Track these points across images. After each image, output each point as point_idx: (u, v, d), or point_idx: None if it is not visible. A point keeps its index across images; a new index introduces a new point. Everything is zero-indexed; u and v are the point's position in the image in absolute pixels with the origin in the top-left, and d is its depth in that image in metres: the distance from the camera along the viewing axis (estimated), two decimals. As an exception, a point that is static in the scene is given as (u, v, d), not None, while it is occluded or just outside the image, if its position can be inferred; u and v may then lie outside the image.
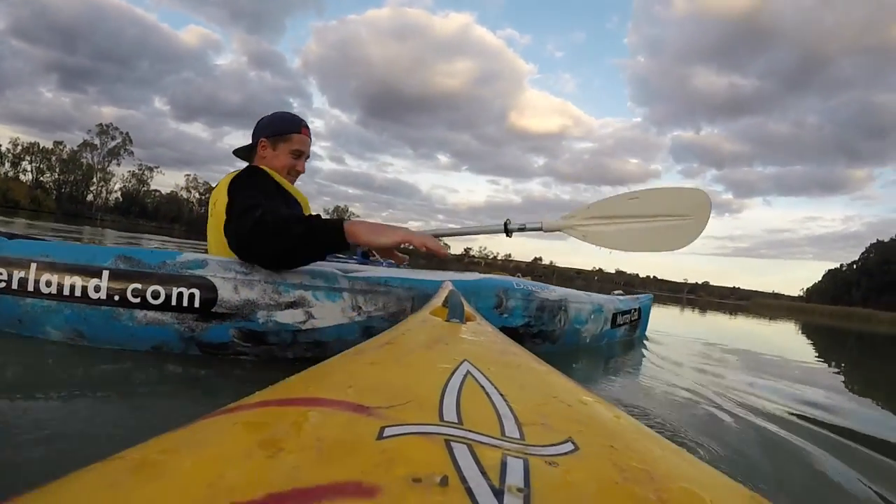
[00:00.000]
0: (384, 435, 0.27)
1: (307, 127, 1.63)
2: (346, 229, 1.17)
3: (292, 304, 1.30)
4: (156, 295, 1.25)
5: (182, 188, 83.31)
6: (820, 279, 72.88)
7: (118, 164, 70.55)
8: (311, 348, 1.34)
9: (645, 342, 2.86)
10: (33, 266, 1.25)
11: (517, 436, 0.30)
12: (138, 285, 1.25)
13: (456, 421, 0.31)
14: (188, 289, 1.25)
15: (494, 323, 1.38)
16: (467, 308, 0.89)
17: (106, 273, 1.24)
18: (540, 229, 1.51)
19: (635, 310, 2.68)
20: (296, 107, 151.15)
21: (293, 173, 1.60)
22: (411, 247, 1.28)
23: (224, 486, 0.22)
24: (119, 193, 74.69)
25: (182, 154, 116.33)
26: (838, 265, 68.41)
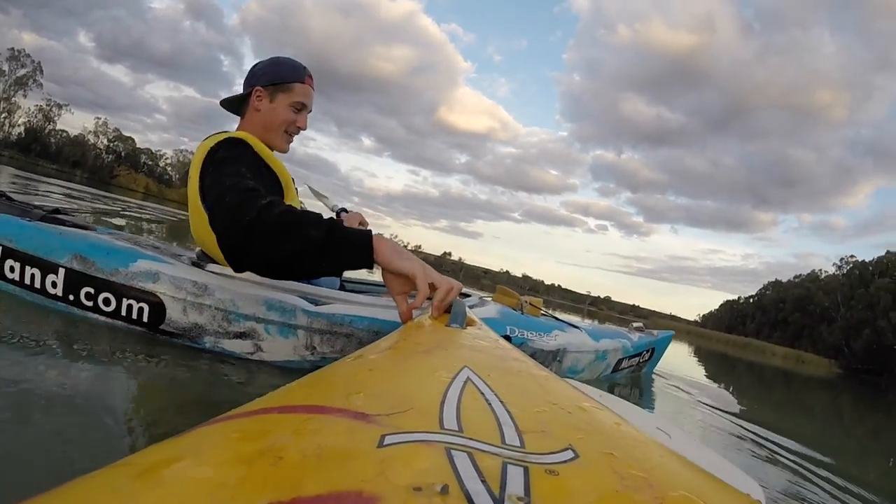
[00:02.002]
0: (384, 443, 0.27)
1: (311, 76, 1.42)
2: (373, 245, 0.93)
3: (241, 335, 1.24)
4: (107, 302, 1.22)
5: (90, 132, 72.39)
6: (717, 307, 77.11)
7: (24, 96, 62.84)
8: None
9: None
10: None
11: (517, 443, 0.30)
12: (91, 290, 1.21)
13: (456, 428, 0.31)
14: (137, 302, 1.21)
15: None
16: (468, 314, 0.89)
17: (62, 271, 1.22)
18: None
19: (648, 350, 2.47)
20: (226, 66, 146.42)
21: (292, 130, 1.40)
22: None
23: (225, 495, 0.22)
24: (22, 128, 65.84)
25: (98, 97, 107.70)
26: (736, 297, 72.61)
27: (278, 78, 1.37)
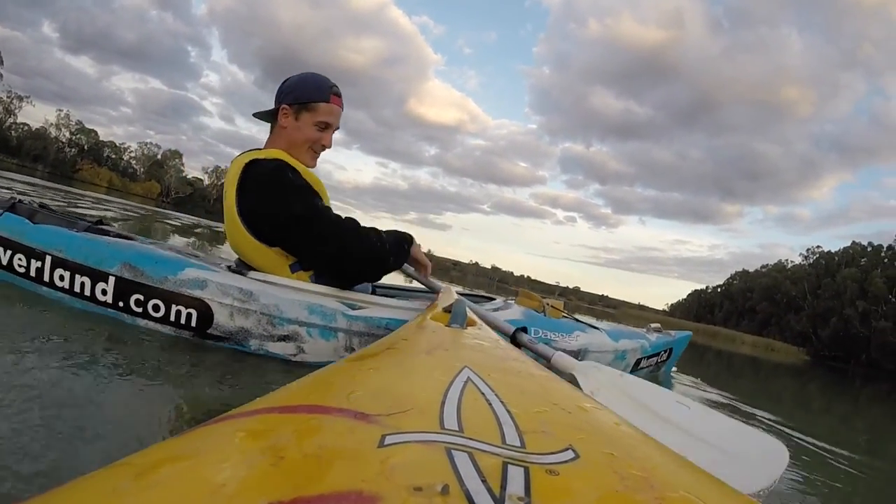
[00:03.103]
0: (385, 443, 0.27)
1: (338, 94, 1.45)
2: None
3: (285, 338, 1.30)
4: (156, 308, 1.27)
5: (52, 125, 70.11)
6: (685, 297, 78.14)
7: (-17, 89, 60.20)
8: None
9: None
10: (48, 259, 1.30)
11: (518, 444, 0.30)
12: (140, 297, 1.27)
13: (456, 428, 0.31)
14: (186, 308, 1.26)
15: None
16: (469, 314, 0.89)
17: (112, 279, 1.27)
18: (547, 360, 1.24)
19: (666, 350, 2.51)
20: (193, 56, 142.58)
21: (317, 148, 1.44)
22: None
23: (225, 495, 0.22)
24: (-19, 122, 63.29)
25: (63, 89, 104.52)
26: (703, 286, 73.80)
27: (304, 97, 1.41)
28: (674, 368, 2.84)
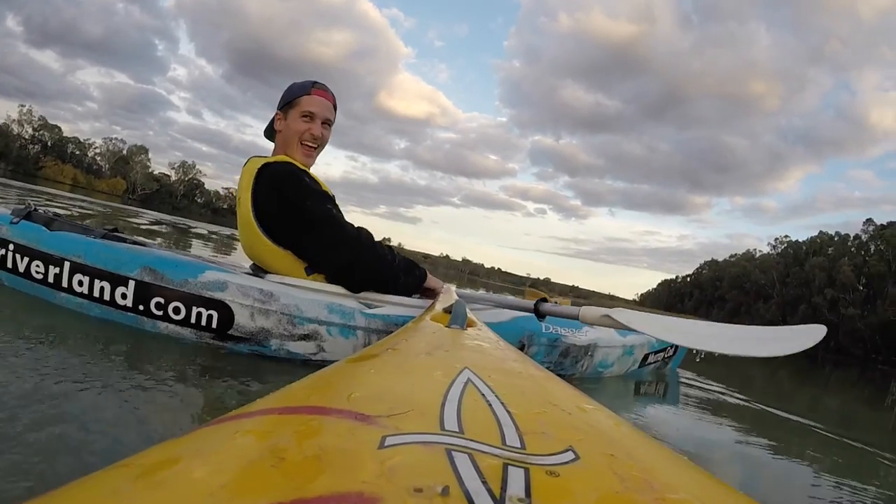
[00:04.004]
0: (385, 444, 0.27)
1: (322, 88, 1.51)
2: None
3: (305, 337, 1.32)
4: (177, 311, 1.28)
5: (14, 121, 67.28)
6: (655, 287, 79.94)
7: (-57, 84, 57.11)
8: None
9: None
10: (67, 265, 1.31)
11: (518, 445, 0.30)
12: (161, 300, 1.28)
13: (457, 430, 0.31)
14: (207, 310, 1.28)
15: None
16: (469, 314, 0.89)
17: (132, 283, 1.28)
18: (576, 318, 1.33)
19: (673, 346, 2.54)
20: (160, 50, 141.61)
21: (306, 139, 1.48)
22: None
23: (226, 496, 0.22)
24: (-59, 118, 60.82)
25: (26, 84, 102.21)
26: (673, 276, 75.79)
27: (288, 97, 1.50)
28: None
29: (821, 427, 2.17)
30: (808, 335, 1.29)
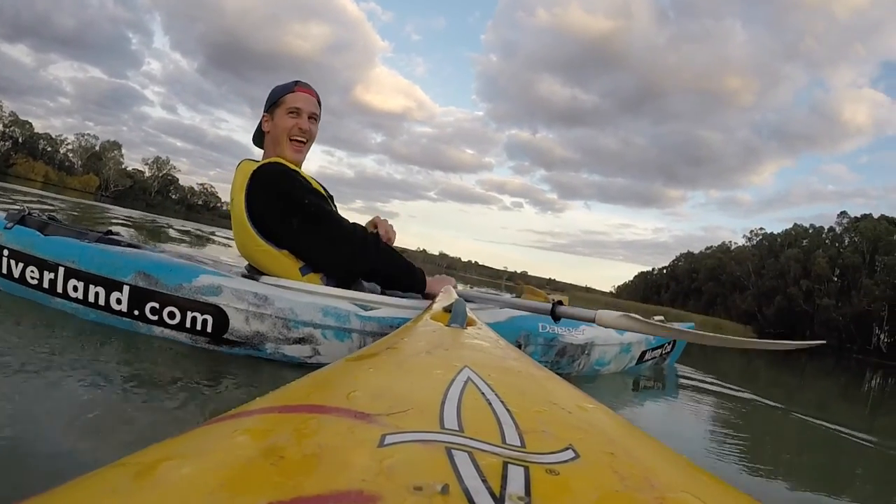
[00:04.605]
0: (385, 443, 0.27)
1: (305, 85, 1.54)
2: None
3: (300, 340, 1.32)
4: (172, 315, 1.28)
5: None
6: (631, 279, 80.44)
7: None
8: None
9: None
10: (61, 270, 1.31)
11: (518, 443, 0.30)
12: (156, 304, 1.28)
13: (457, 428, 0.31)
14: (202, 314, 1.28)
15: None
16: (469, 314, 0.89)
17: (126, 288, 1.28)
18: (592, 320, 1.35)
19: (670, 343, 2.55)
20: (134, 44, 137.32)
21: (295, 134, 1.50)
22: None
23: (225, 494, 0.22)
24: None
25: None
26: (649, 268, 75.90)
27: (273, 98, 1.53)
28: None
29: (817, 417, 2.23)
30: (807, 342, 1.39)
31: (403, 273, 1.50)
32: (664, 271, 65.85)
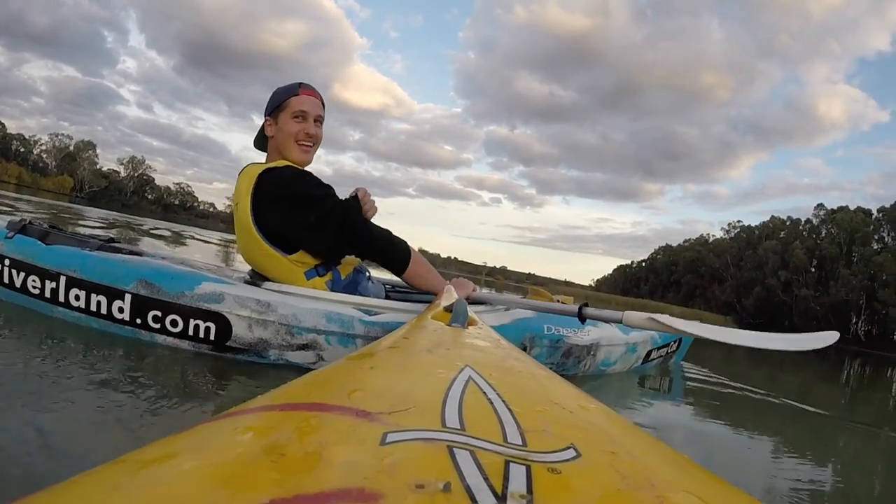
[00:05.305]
0: (387, 441, 0.27)
1: (309, 88, 1.51)
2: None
3: (304, 346, 1.31)
4: (174, 323, 1.28)
5: None
6: (611, 272, 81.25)
7: None
8: None
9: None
10: (63, 279, 1.30)
11: (519, 442, 0.30)
12: (158, 313, 1.27)
13: (458, 427, 0.31)
14: (204, 322, 1.27)
15: None
16: (470, 314, 0.89)
17: (129, 297, 1.28)
18: (619, 321, 1.35)
19: (676, 341, 2.53)
20: (109, 42, 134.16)
21: (303, 138, 1.47)
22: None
23: (227, 492, 0.22)
24: None
25: None
26: (628, 262, 77.33)
27: (275, 102, 1.49)
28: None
29: (809, 406, 2.33)
30: (821, 338, 1.37)
31: (387, 245, 1.48)
32: (643, 264, 66.58)
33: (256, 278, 1.47)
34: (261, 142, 1.59)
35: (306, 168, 1.50)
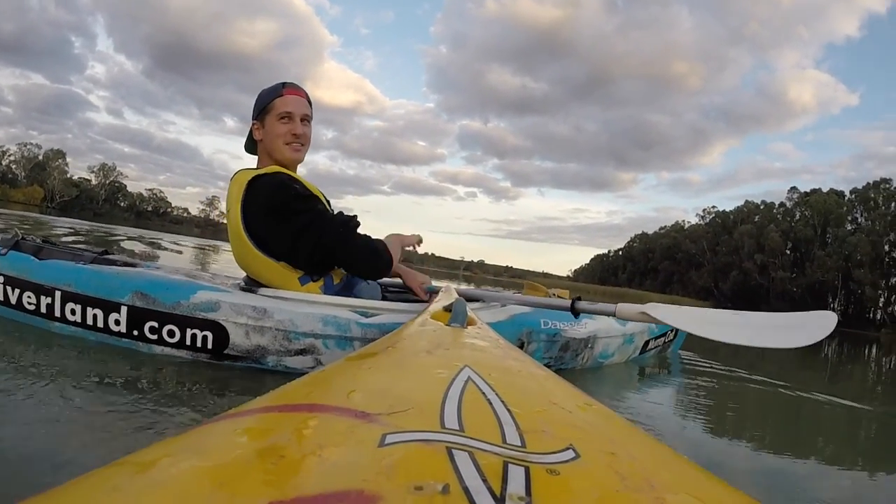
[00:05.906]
0: (385, 442, 0.27)
1: (294, 87, 1.49)
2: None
3: (302, 351, 1.31)
4: (171, 334, 1.28)
5: None
6: (588, 262, 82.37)
7: None
8: None
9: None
10: (58, 294, 1.30)
11: (518, 443, 0.30)
12: (155, 324, 1.27)
13: (457, 428, 0.31)
14: (201, 331, 1.27)
15: None
16: (469, 313, 0.89)
17: (125, 309, 1.28)
18: (612, 314, 1.35)
19: (673, 330, 2.53)
20: (77, 47, 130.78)
21: (291, 139, 1.46)
22: (410, 248, 1.69)
23: (226, 493, 0.22)
24: None
25: None
26: (605, 251, 77.97)
27: (261, 105, 1.47)
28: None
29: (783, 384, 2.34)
30: (818, 324, 1.31)
31: (368, 259, 1.45)
32: (620, 253, 67.22)
33: (252, 284, 1.47)
34: (251, 146, 1.57)
35: (299, 167, 1.51)
